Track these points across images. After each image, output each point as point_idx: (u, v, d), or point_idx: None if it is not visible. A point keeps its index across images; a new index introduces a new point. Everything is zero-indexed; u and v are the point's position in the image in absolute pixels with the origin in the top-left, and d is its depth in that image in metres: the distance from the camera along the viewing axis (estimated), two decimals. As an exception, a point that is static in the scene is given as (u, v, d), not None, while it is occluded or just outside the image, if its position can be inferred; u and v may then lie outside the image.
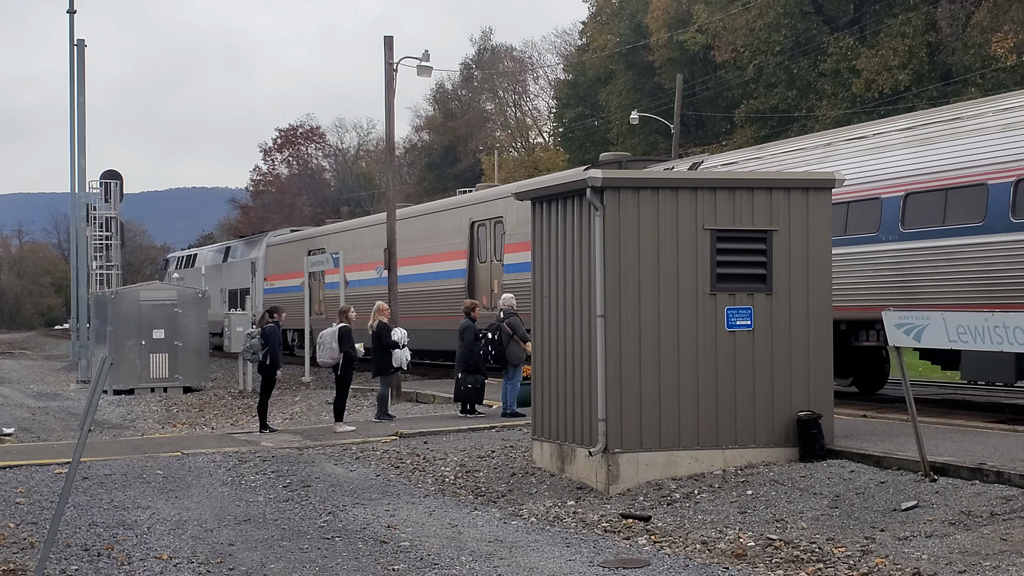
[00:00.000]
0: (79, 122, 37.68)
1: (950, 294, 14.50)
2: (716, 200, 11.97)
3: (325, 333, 17.39)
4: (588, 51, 60.87)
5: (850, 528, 9.49)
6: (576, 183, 12.17)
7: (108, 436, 18.17)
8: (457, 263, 26.05)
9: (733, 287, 11.96)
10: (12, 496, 11.97)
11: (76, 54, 37.71)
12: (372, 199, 79.09)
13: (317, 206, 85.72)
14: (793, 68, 45.66)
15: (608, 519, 10.53)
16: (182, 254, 56.11)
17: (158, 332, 26.89)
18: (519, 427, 15.95)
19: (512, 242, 23.73)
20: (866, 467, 11.17)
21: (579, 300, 12.21)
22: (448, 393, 20.29)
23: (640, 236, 11.80)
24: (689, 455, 11.78)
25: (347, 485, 12.52)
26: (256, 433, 17.09)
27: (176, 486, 12.56)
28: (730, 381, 11.88)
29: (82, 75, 37.73)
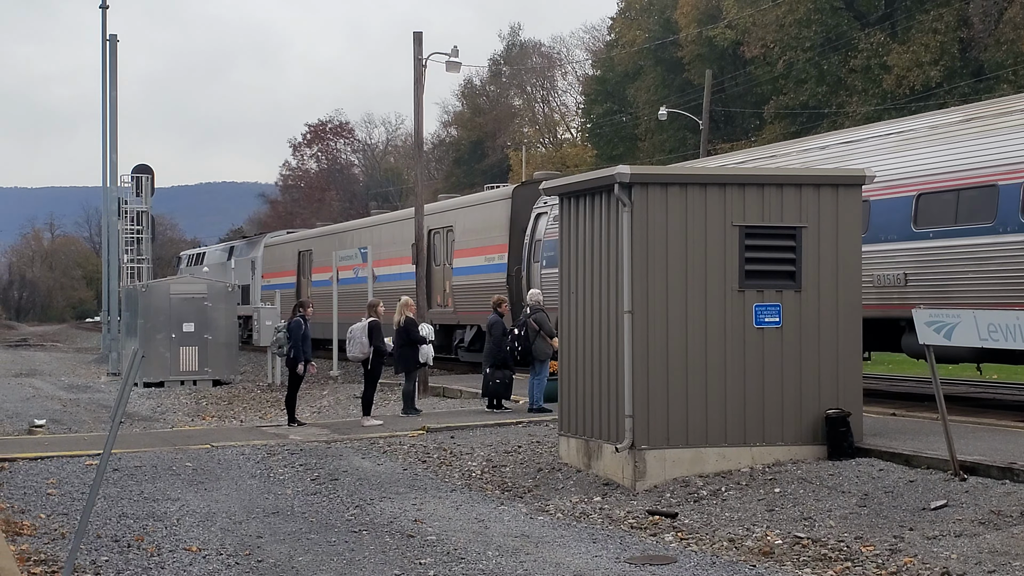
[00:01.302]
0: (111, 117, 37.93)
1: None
2: (745, 196, 11.92)
3: (355, 328, 17.45)
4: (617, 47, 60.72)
5: (878, 527, 9.43)
6: (604, 179, 12.15)
7: (138, 428, 18.32)
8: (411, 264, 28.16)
9: (762, 284, 11.91)
10: (43, 487, 12.09)
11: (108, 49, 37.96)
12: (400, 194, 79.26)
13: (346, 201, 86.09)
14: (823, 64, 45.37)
15: (635, 515, 10.52)
16: (192, 252, 57.71)
17: (188, 326, 27.06)
18: (546, 423, 15.95)
19: (460, 248, 26.46)
20: (895, 466, 11.10)
21: (606, 296, 12.19)
22: (475, 388, 20.30)
23: (668, 232, 11.77)
24: (716, 452, 11.74)
25: (374, 479, 12.56)
26: (284, 426, 17.17)
27: (205, 478, 12.65)
28: (758, 378, 11.83)
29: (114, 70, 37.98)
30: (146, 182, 39.16)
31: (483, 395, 18.46)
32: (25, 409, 21.44)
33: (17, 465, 13.45)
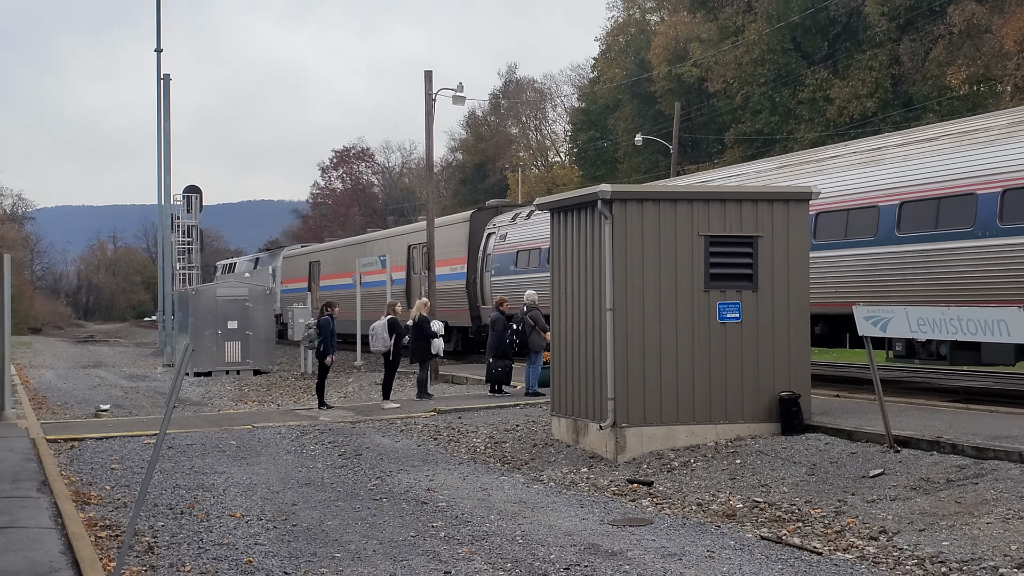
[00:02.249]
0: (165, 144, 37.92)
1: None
2: (709, 210, 11.92)
3: (376, 325, 17.47)
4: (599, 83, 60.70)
5: (825, 492, 9.43)
6: (589, 196, 12.13)
7: (189, 412, 18.29)
8: (400, 274, 30.33)
9: (724, 285, 11.90)
10: (108, 463, 12.07)
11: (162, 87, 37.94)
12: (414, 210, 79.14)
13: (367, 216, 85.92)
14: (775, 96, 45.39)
15: (616, 484, 10.51)
16: (226, 262, 58.99)
17: (232, 323, 27.04)
18: (540, 405, 15.93)
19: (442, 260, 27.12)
20: (839, 440, 11.11)
21: (591, 296, 12.18)
22: (479, 376, 20.30)
23: (644, 241, 11.76)
24: (686, 429, 11.74)
25: (393, 454, 12.54)
26: (315, 409, 17.14)
27: (247, 455, 12.62)
28: (721, 366, 11.83)
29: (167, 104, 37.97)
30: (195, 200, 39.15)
31: (486, 381, 18.43)
32: (92, 396, 21.40)
33: (85, 444, 13.42)
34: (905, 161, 14.94)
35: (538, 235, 24.72)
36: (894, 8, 40.55)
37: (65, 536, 8.00)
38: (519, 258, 25.65)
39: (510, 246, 26.19)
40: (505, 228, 26.74)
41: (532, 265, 24.96)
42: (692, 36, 49.44)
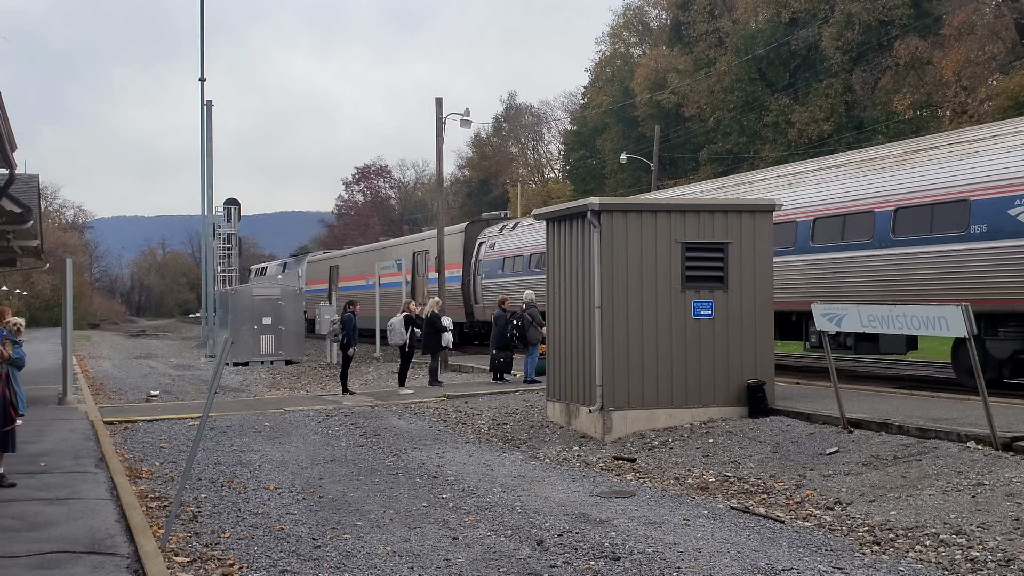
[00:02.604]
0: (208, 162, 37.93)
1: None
2: (686, 220, 11.91)
3: (394, 321, 17.51)
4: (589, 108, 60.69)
5: (787, 468, 9.42)
6: (580, 207, 12.12)
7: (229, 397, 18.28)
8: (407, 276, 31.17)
9: (698, 286, 11.90)
10: (157, 442, 12.07)
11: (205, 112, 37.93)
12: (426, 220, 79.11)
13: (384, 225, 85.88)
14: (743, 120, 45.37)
15: (604, 460, 10.50)
16: (259, 266, 59.70)
17: (266, 319, 27.03)
18: (537, 391, 15.93)
19: (432, 266, 28.03)
20: (799, 422, 11.10)
21: (582, 295, 12.18)
22: (483, 365, 20.30)
23: (628, 246, 11.75)
24: (665, 412, 11.73)
25: (407, 434, 12.54)
26: (339, 395, 17.14)
27: (280, 435, 12.62)
28: (696, 357, 11.82)
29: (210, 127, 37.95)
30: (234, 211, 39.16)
31: (490, 370, 18.41)
32: (143, 383, 21.39)
33: (137, 425, 13.42)
34: (819, 184, 15.66)
35: (521, 244, 26.20)
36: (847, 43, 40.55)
37: (119, 506, 8.01)
38: (505, 264, 26.70)
39: (498, 253, 27.34)
40: (494, 238, 27.79)
41: (516, 269, 25.95)
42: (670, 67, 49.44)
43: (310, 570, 6.47)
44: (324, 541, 7.22)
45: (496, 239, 27.68)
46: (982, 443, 9.00)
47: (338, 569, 6.49)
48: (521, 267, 25.72)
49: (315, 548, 7.02)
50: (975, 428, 9.36)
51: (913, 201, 13.46)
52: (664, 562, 6.52)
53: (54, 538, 6.94)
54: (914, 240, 13.34)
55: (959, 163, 12.97)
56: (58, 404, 15.57)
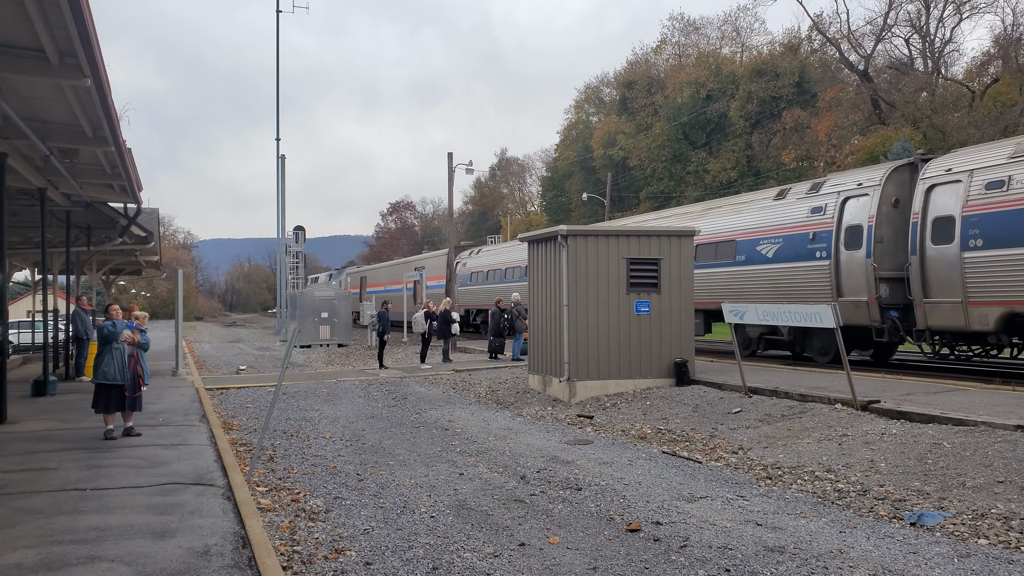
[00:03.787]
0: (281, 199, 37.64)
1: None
2: (630, 242, 11.90)
3: (417, 315, 17.52)
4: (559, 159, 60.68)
5: (704, 423, 9.43)
6: (553, 232, 12.09)
7: (296, 371, 18.15)
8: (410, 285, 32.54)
9: (639, 290, 11.85)
10: (244, 403, 11.97)
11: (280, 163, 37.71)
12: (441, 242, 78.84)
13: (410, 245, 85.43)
14: (672, 169, 45.48)
15: (570, 418, 10.47)
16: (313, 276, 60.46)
17: (324, 313, 26.88)
18: (521, 367, 15.86)
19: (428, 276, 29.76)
20: (712, 389, 11.08)
21: (554, 296, 12.14)
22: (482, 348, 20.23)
23: (587, 261, 11.72)
24: (615, 383, 11.69)
25: (426, 398, 12.49)
26: (377, 370, 17.05)
27: (333, 398, 12.55)
28: (637, 342, 11.78)
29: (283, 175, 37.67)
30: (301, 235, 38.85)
31: (488, 351, 18.34)
32: (234, 360, 21.20)
33: (229, 391, 13.32)
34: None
35: (482, 264, 28.64)
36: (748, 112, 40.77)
37: (216, 450, 7.95)
38: (471, 277, 28.83)
39: (467, 270, 29.71)
40: (466, 259, 30.10)
41: (478, 281, 28.62)
42: (619, 130, 49.51)
43: (356, 497, 6.44)
44: (366, 476, 7.19)
45: (467, 260, 30.11)
46: (847, 405, 9.03)
47: (376, 496, 6.46)
48: (481, 279, 28.61)
49: (359, 481, 6.99)
50: (841, 394, 9.38)
51: (708, 239, 15.81)
52: (614, 492, 6.52)
53: (169, 473, 6.89)
54: (712, 264, 15.63)
55: (730, 217, 15.43)
56: (172, 376, 15.44)
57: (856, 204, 13.51)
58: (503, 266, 27.46)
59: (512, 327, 17.53)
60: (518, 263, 25.92)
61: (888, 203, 13.02)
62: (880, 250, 12.81)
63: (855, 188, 13.69)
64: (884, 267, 12.79)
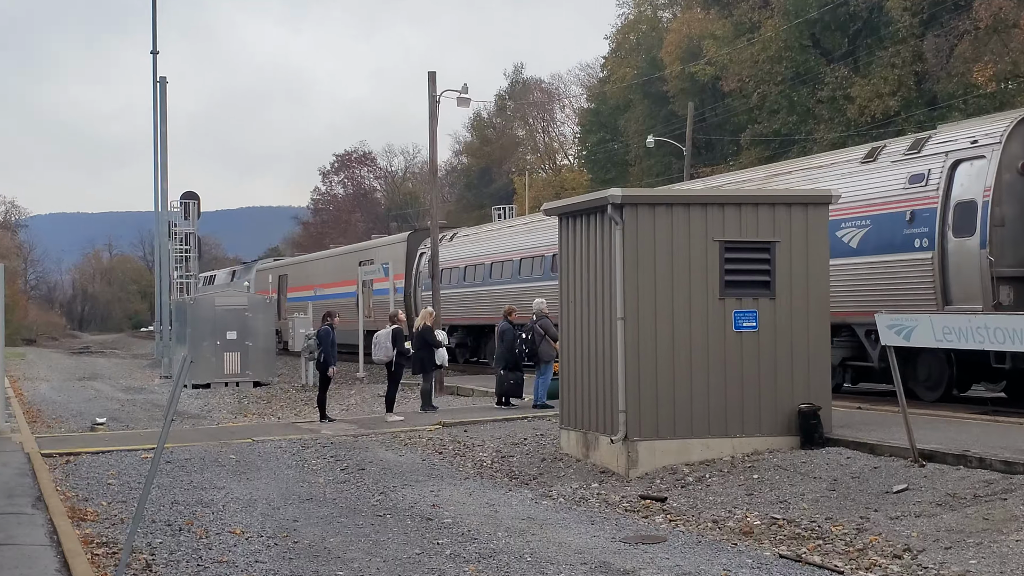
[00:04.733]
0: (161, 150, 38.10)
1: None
2: (724, 215, 11.91)
3: (380, 334, 17.50)
4: (609, 82, 60.78)
5: (846, 508, 9.40)
6: (599, 200, 12.15)
7: (188, 425, 18.32)
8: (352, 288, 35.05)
9: (740, 292, 11.89)
10: (105, 478, 12.10)
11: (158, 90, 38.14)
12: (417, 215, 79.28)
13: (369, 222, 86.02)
14: (793, 96, 45.31)
15: (628, 500, 10.50)
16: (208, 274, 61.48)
17: (231, 333, 27.10)
18: (548, 418, 15.92)
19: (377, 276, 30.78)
20: (861, 454, 11.07)
21: (601, 304, 12.18)
22: (485, 387, 20.29)
23: (656, 247, 11.76)
24: (701, 443, 11.72)
25: (396, 468, 12.56)
26: (317, 422, 17.17)
27: (247, 469, 12.65)
28: (737, 377, 11.81)
29: (164, 109, 38.15)
30: (193, 207, 39.27)
31: (497, 393, 18.38)
32: (88, 409, 21.46)
33: (81, 459, 13.47)
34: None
35: (456, 256, 30.36)
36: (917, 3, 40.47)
37: (61, 554, 8.04)
38: (443, 276, 29.04)
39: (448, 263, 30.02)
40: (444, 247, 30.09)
41: (453, 281, 29.68)
42: (706, 33, 49.44)
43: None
44: (299, 595, 7.23)
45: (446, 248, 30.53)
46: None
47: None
48: (457, 279, 29.67)
49: (289, 603, 7.04)
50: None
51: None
52: (700, 620, 6.52)
53: (-17, 592, 6.97)
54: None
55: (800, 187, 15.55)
56: (-13, 434, 15.61)
57: (968, 170, 13.94)
58: (511, 256, 28.03)
59: (533, 354, 17.58)
60: (538, 250, 26.35)
61: (1013, 169, 13.22)
62: (1000, 237, 13.16)
63: (968, 147, 14.14)
64: (1005, 262, 13.12)
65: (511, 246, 28.16)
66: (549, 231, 26.26)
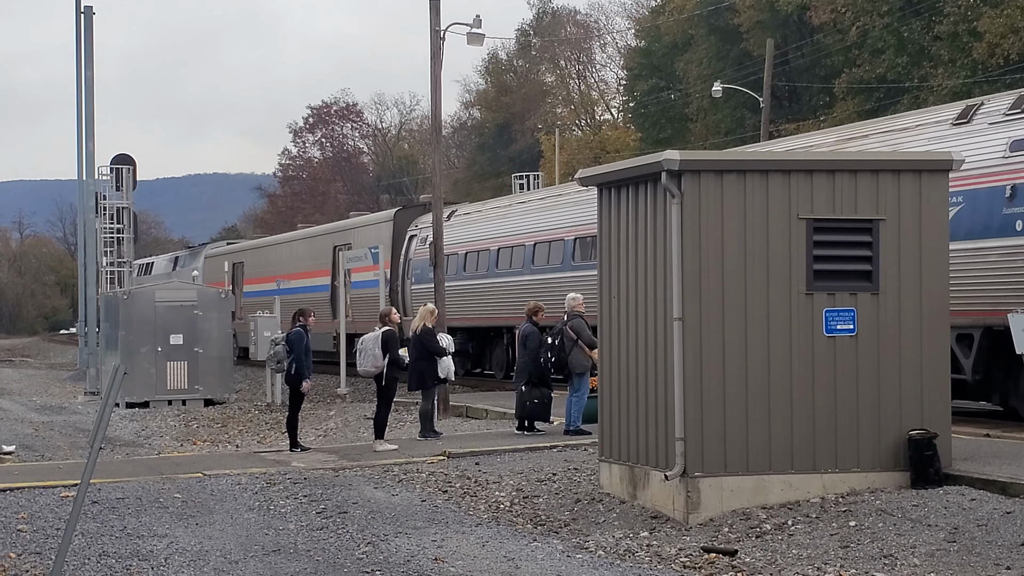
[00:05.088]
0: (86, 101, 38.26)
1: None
2: (813, 185, 11.86)
3: (366, 339, 17.48)
4: (664, 13, 60.71)
5: (971, 565, 9.35)
6: (650, 166, 12.13)
7: (121, 455, 18.44)
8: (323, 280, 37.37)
9: (833, 285, 11.85)
10: (13, 523, 12.16)
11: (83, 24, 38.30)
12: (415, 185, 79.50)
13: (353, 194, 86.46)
14: (904, 31, 45.07)
15: (687, 553, 10.49)
16: (143, 262, 62.10)
17: (176, 337, 27.27)
18: (584, 446, 15.94)
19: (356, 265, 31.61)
20: (989, 495, 11.01)
21: (653, 301, 12.16)
22: (502, 407, 20.35)
23: (724, 227, 11.72)
24: (782, 480, 11.69)
25: (389, 511, 12.58)
26: (286, 452, 17.24)
27: (197, 512, 12.69)
28: (829, 395, 11.77)
29: (89, 48, 38.31)
30: (127, 174, 39.48)
31: (517, 415, 18.41)
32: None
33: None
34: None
35: (452, 240, 29.30)
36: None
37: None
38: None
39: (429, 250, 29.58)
40: (427, 230, 30.09)
41: (449, 273, 29.00)
42: (790, -51, 49.28)
43: None
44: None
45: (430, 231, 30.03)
46: None
47: None
48: (453, 270, 29.72)
49: None
50: None
51: None
52: None
53: None
54: None
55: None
56: None
57: None
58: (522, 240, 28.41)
59: (563, 364, 17.61)
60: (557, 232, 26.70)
61: None
62: None
63: None
64: None
65: (523, 228, 28.47)
66: (572, 208, 26.55)
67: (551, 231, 26.84)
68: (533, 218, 28.26)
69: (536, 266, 27.29)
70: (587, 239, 25.17)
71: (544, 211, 27.91)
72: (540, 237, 27.42)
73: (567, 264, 25.94)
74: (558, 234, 26.40)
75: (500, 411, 20.44)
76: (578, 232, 25.50)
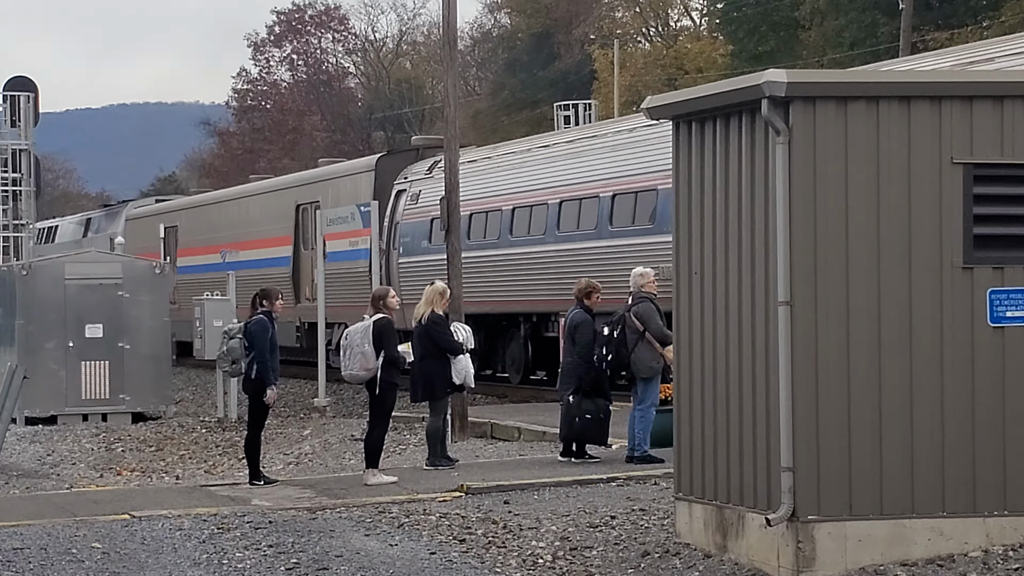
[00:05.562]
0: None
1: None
2: (974, 117, 11.80)
3: (354, 331, 17.41)
4: None
5: None
6: (746, 91, 12.10)
7: (18, 489, 18.55)
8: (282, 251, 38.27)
9: (1001, 256, 11.83)
10: None
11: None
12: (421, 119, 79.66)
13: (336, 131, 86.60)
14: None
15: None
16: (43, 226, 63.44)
17: (94, 328, 27.41)
18: (654, 479, 16.01)
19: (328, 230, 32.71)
20: None
21: (750, 279, 12.16)
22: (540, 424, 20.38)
23: (849, 176, 11.70)
24: (929, 526, 11.69)
25: (385, 568, 12.64)
26: (244, 485, 17.32)
27: (123, 567, 12.75)
28: (997, 408, 11.75)
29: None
30: (26, 104, 39.74)
31: (562, 436, 18.42)
32: None
33: None
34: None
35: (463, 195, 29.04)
36: None
37: None
38: (424, 232, 30.34)
39: (422, 210, 30.92)
40: (419, 183, 31.61)
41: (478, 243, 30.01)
42: None
43: None
44: None
45: (422, 186, 31.25)
46: None
47: None
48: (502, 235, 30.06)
49: None
50: None
51: None
52: None
53: None
54: None
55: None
56: None
57: None
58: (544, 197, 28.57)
59: (624, 365, 17.62)
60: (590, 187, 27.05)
61: None
62: None
63: None
64: None
65: (545, 181, 28.59)
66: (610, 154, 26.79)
67: (582, 185, 26.99)
68: (559, 168, 28.40)
69: (562, 232, 27.47)
70: (630, 194, 25.18)
71: (573, 158, 28.05)
72: (568, 193, 27.48)
73: (603, 230, 25.89)
74: (591, 189, 26.49)
75: (538, 430, 20.47)
76: (617, 187, 25.51)
